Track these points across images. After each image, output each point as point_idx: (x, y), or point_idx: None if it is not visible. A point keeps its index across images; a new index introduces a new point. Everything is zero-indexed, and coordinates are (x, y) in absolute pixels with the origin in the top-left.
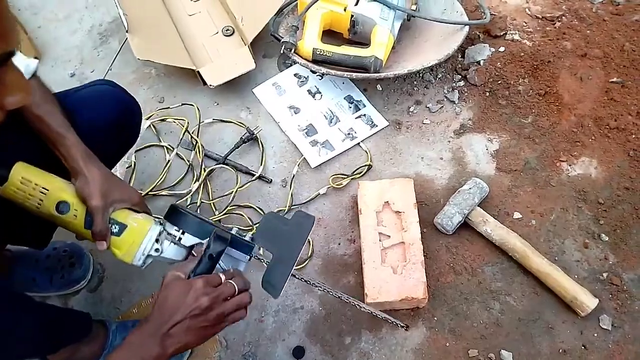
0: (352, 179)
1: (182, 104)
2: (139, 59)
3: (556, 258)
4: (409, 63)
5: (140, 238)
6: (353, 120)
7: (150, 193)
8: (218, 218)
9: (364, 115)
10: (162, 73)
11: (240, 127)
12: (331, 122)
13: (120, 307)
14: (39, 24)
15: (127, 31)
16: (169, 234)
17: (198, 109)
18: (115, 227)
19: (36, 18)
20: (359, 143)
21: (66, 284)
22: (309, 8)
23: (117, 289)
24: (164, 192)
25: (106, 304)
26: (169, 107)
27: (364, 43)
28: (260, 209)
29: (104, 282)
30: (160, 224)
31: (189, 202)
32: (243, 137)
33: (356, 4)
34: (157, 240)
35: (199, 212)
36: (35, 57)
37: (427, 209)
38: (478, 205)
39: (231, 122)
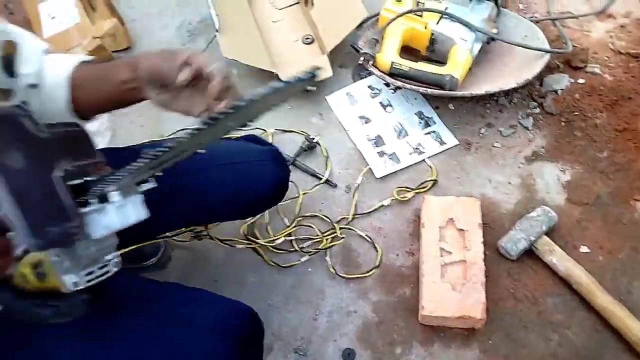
0: (416, 192)
1: None
2: (225, 57)
3: (622, 297)
4: (485, 85)
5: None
6: (422, 135)
7: None
8: (288, 231)
9: (434, 132)
10: (243, 74)
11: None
12: (400, 135)
13: None
14: (134, 17)
15: (217, 31)
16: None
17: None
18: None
19: (132, 11)
20: (425, 159)
21: (139, 257)
22: (390, 23)
23: (184, 272)
24: None
25: None
26: None
27: (440, 61)
28: (327, 217)
29: (170, 263)
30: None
31: None
32: (303, 146)
33: (437, 23)
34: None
35: (267, 219)
36: (129, 47)
37: (490, 231)
38: (545, 234)
39: (292, 131)
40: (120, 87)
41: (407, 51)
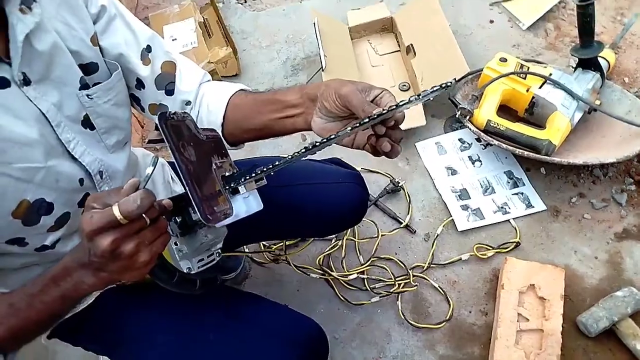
0: (497, 252)
1: None
2: None
3: None
4: (581, 154)
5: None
6: (509, 195)
7: None
8: (361, 269)
9: (522, 193)
10: None
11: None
12: (486, 192)
13: None
14: (245, 47)
15: (323, 70)
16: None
17: None
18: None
19: (244, 42)
20: (510, 219)
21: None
22: (492, 82)
23: (258, 291)
24: None
25: None
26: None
27: (537, 124)
28: (402, 262)
29: (248, 280)
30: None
31: (334, 240)
32: (387, 188)
33: (540, 87)
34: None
35: (343, 253)
36: (236, 74)
37: (570, 304)
38: (630, 317)
39: (378, 172)
40: (282, 112)
41: (503, 110)
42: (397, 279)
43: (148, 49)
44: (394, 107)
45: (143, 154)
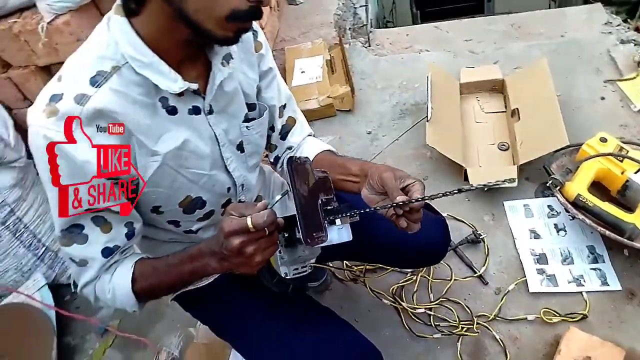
0: (563, 319)
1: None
2: (428, 144)
3: None
4: None
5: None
6: (587, 269)
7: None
8: (430, 306)
9: (599, 270)
10: (434, 157)
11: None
12: (564, 261)
13: None
14: (361, 87)
15: (428, 120)
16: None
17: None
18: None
19: (362, 82)
20: (583, 292)
21: (308, 278)
22: (587, 159)
23: (334, 303)
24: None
25: None
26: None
27: (626, 206)
28: (468, 308)
29: (328, 292)
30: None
31: (409, 273)
32: (468, 238)
33: (636, 172)
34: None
35: (415, 288)
36: (350, 110)
37: None
38: None
39: (462, 221)
40: (346, 176)
41: (596, 186)
42: (461, 322)
43: (284, 106)
44: (408, 201)
45: (269, 170)
